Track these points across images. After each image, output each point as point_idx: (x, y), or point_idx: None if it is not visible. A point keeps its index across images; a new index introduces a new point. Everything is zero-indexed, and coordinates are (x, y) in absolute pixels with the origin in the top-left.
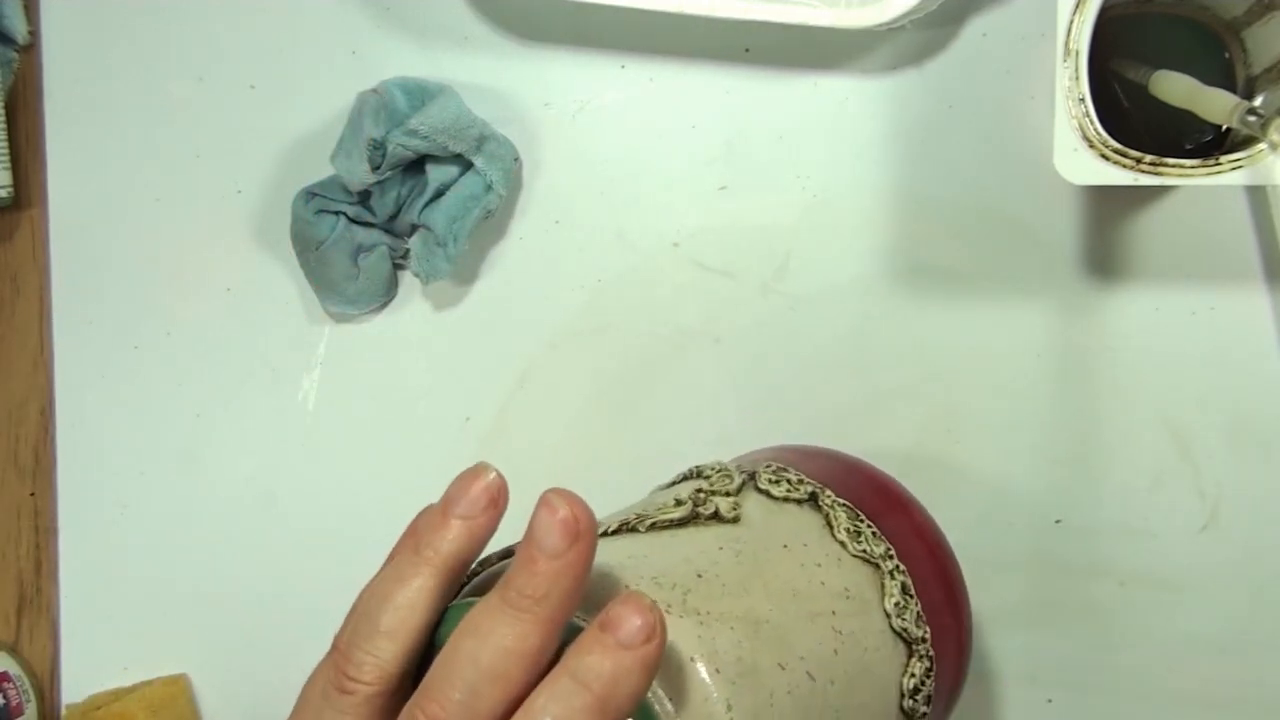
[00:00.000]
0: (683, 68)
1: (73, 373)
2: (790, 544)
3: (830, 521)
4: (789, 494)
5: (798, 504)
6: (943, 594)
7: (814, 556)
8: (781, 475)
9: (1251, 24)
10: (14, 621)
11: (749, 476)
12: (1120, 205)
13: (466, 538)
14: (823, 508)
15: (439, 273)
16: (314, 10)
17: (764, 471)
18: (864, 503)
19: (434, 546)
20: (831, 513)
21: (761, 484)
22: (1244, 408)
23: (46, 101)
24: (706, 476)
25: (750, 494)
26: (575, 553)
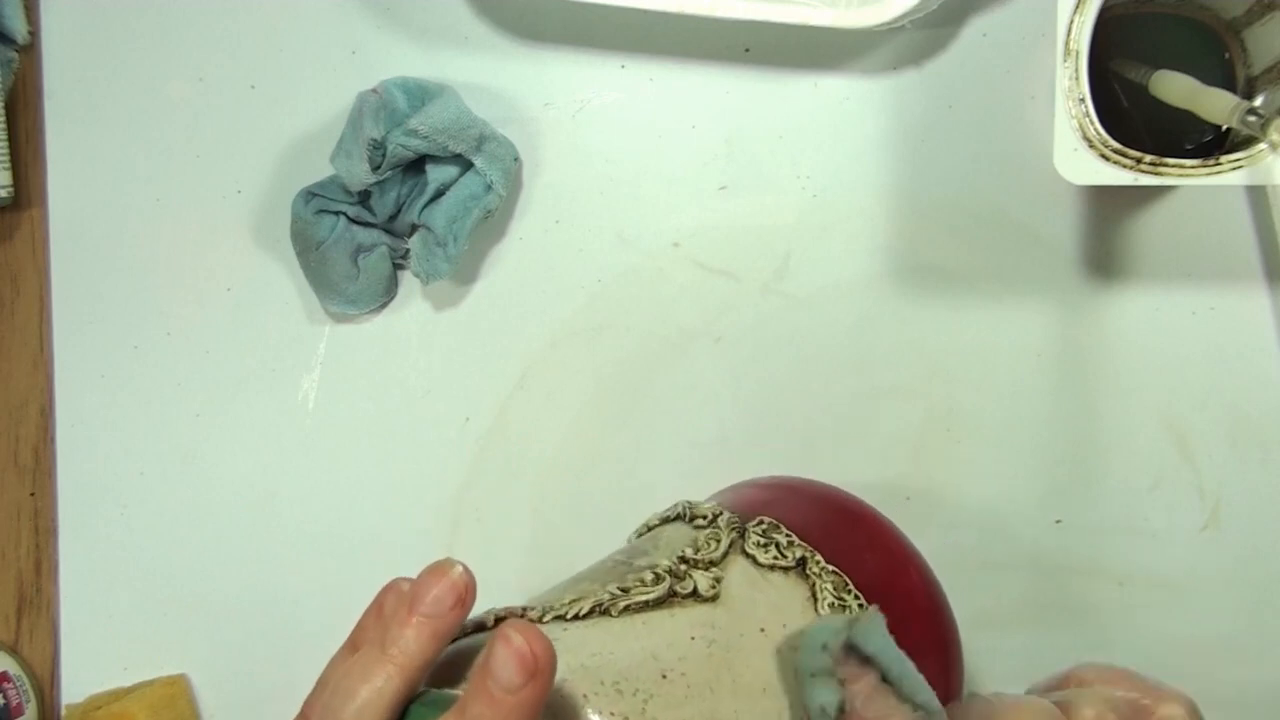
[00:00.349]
0: (683, 68)
1: (73, 373)
2: (768, 627)
3: (815, 593)
4: (776, 561)
5: (784, 572)
6: (935, 659)
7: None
8: (771, 537)
9: (1251, 24)
10: (14, 621)
11: (739, 534)
12: (1120, 205)
13: (430, 637)
14: (810, 576)
15: (439, 273)
16: (314, 10)
17: (754, 531)
18: (858, 564)
19: (399, 646)
20: (818, 582)
21: (749, 547)
22: (1244, 408)
23: (46, 101)
24: (698, 525)
25: (735, 560)
26: (530, 690)
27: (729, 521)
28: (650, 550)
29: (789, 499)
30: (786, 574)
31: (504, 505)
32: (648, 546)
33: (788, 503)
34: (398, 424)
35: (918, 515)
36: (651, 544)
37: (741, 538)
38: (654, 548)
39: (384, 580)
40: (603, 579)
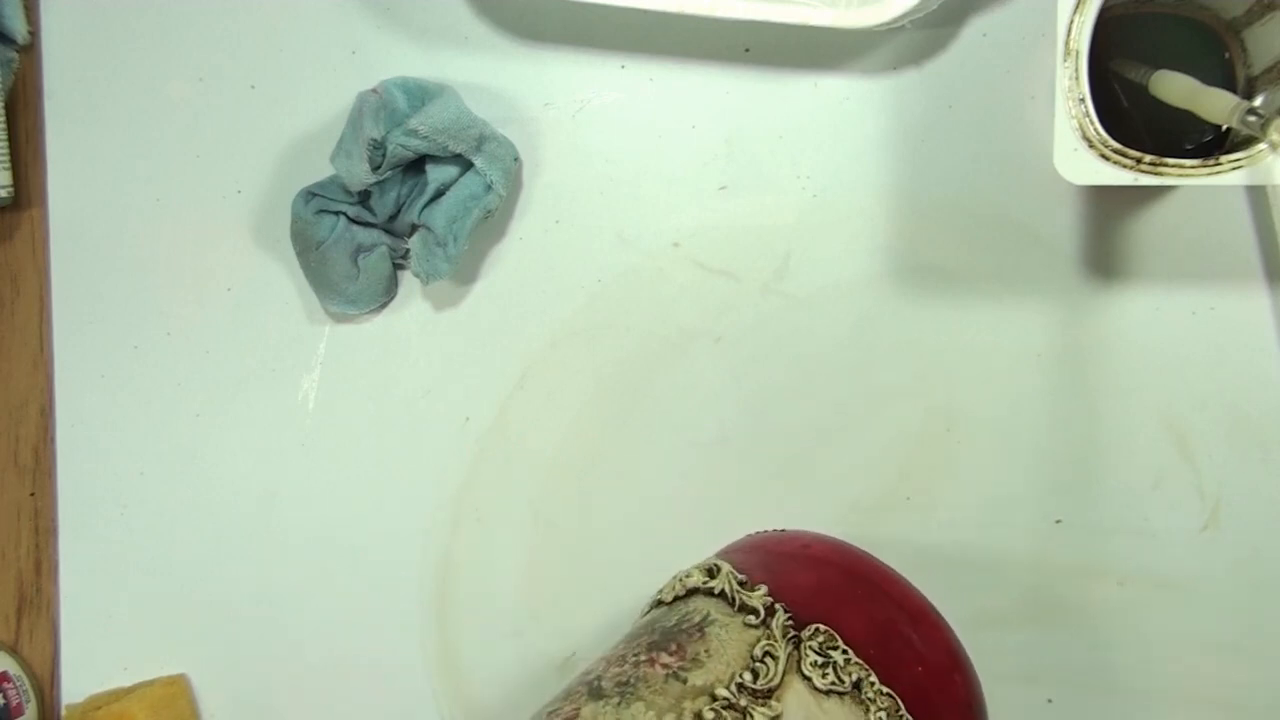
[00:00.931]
0: (683, 68)
1: (73, 373)
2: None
3: (870, 717)
4: (833, 687)
5: (840, 697)
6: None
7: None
8: (828, 655)
9: (1251, 24)
10: (14, 621)
11: (794, 646)
12: (1120, 205)
13: None
14: (864, 700)
15: (439, 273)
16: (314, 10)
17: (809, 647)
18: (910, 677)
19: None
20: (872, 706)
21: (806, 668)
22: (1244, 408)
23: (46, 101)
24: (748, 622)
25: (792, 685)
26: None
27: (783, 628)
28: (694, 643)
29: (841, 587)
30: (842, 699)
31: (504, 505)
32: (692, 639)
33: (841, 595)
34: (398, 424)
35: (918, 515)
36: (698, 634)
37: (797, 649)
38: (700, 644)
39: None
40: (652, 692)
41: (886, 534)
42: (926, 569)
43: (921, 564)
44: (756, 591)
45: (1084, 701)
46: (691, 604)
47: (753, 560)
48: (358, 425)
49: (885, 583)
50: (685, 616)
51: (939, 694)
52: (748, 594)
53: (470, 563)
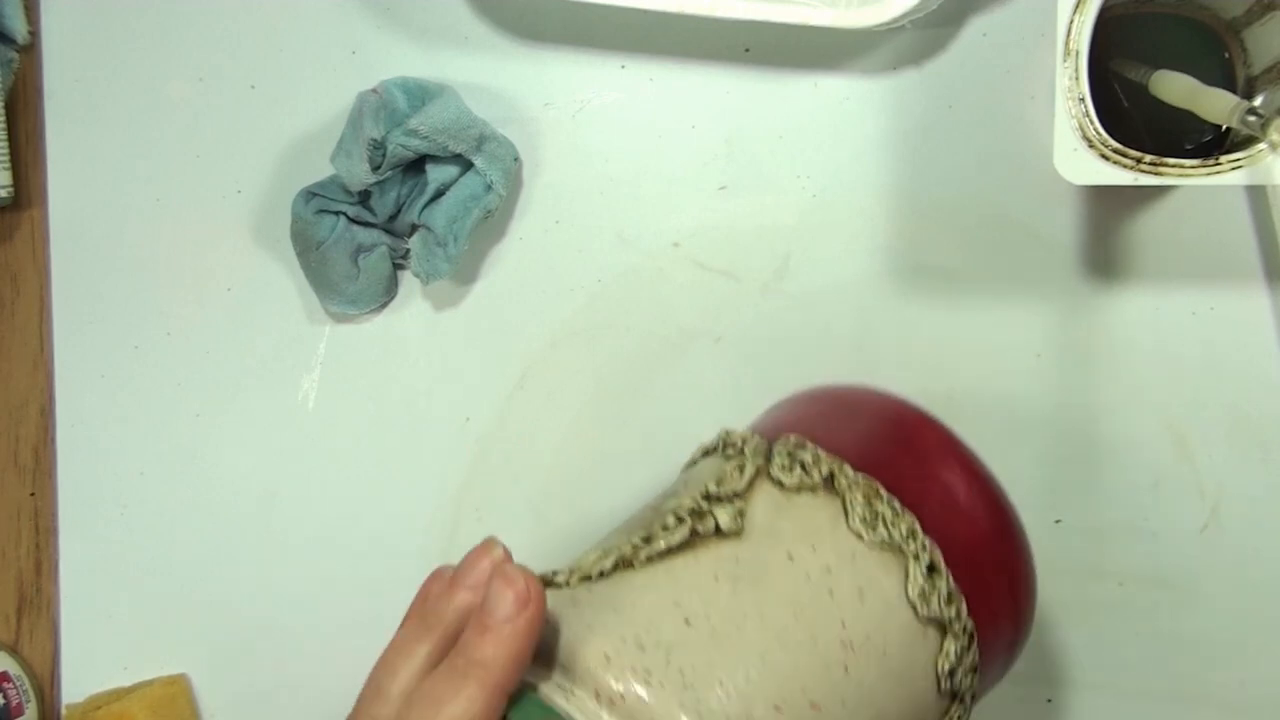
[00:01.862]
0: (683, 68)
1: (73, 373)
2: (796, 553)
3: (846, 508)
4: (802, 483)
5: (811, 491)
6: (986, 550)
7: (823, 560)
8: (797, 458)
9: (1251, 24)
10: (14, 621)
11: (764, 459)
12: (1120, 205)
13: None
14: (839, 490)
15: (439, 273)
16: (314, 10)
17: (780, 454)
18: (889, 464)
19: (437, 614)
20: (849, 495)
21: (775, 471)
22: (1244, 408)
23: (46, 101)
24: (728, 454)
25: (760, 488)
26: (524, 619)
27: (755, 447)
28: (680, 491)
29: (823, 410)
30: (814, 493)
31: (504, 505)
32: (679, 487)
33: (821, 415)
34: (398, 424)
35: None
36: (683, 484)
37: (768, 462)
38: (684, 487)
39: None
40: (630, 530)
41: None
42: None
43: None
44: (740, 431)
45: (1084, 701)
46: (685, 472)
47: (754, 422)
48: (358, 425)
49: (874, 399)
50: (677, 480)
51: (926, 473)
52: (731, 435)
53: None
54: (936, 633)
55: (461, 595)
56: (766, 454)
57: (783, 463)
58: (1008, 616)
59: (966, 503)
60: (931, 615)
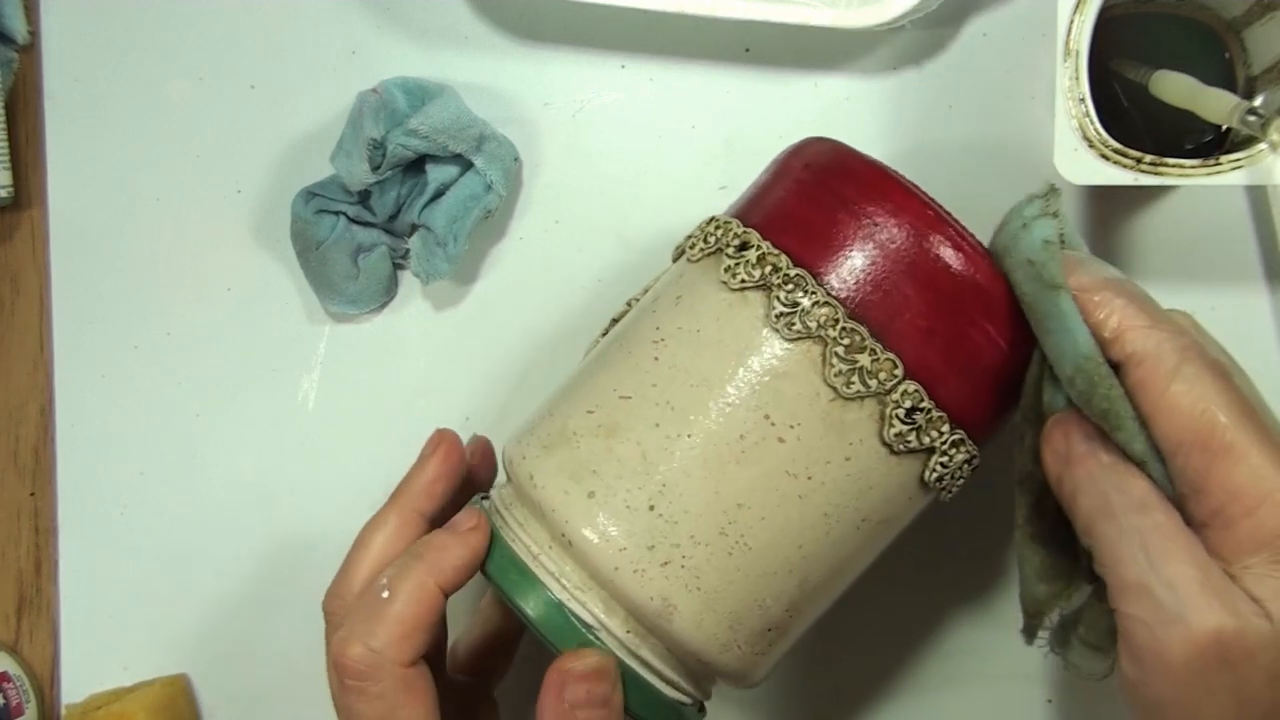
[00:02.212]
0: (683, 68)
1: (73, 373)
2: (704, 328)
3: (826, 358)
4: (744, 283)
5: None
6: (969, 345)
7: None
8: (740, 257)
9: (1251, 24)
10: (14, 621)
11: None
12: (1120, 205)
13: (427, 478)
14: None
15: (439, 273)
16: (314, 10)
17: (729, 249)
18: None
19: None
20: (829, 343)
21: (722, 274)
22: None
23: (46, 101)
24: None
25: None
26: (436, 457)
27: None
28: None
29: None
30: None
31: None
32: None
33: (774, 203)
34: (398, 424)
35: None
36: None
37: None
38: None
39: None
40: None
41: None
42: (926, 568)
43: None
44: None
45: (1084, 701)
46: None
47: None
48: (358, 425)
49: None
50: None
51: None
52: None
53: None
54: (918, 459)
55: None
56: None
57: (730, 262)
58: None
59: (914, 224)
60: (909, 445)
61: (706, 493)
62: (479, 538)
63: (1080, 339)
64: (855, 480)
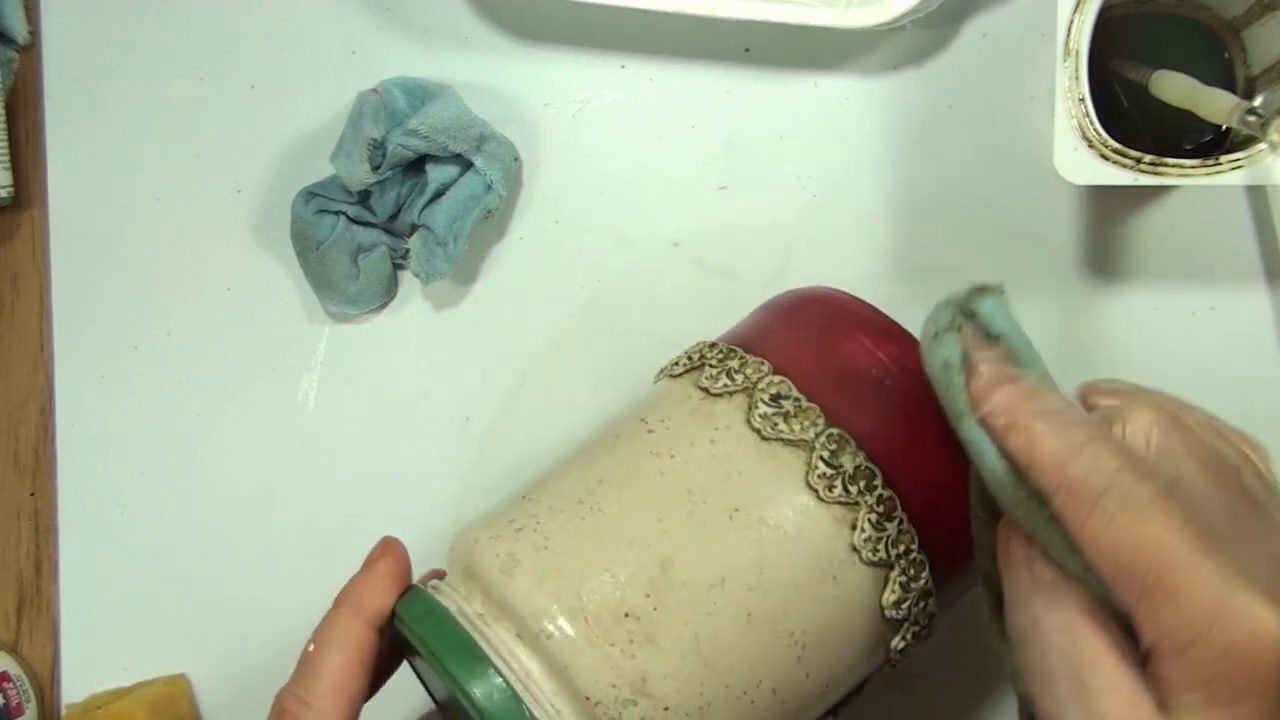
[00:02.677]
0: (683, 68)
1: (73, 373)
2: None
3: (810, 465)
4: (725, 388)
5: (728, 397)
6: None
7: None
8: (724, 366)
9: (1251, 24)
10: (14, 621)
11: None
12: (1120, 205)
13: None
14: (811, 449)
15: (439, 273)
16: (314, 10)
17: (710, 363)
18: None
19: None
20: (816, 450)
21: (703, 380)
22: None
23: (46, 101)
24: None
25: (687, 394)
26: (379, 566)
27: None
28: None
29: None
30: (730, 398)
31: None
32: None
33: (774, 324)
34: (398, 424)
35: None
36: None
37: (699, 370)
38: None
39: None
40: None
41: None
42: None
43: None
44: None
45: None
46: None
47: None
48: (358, 425)
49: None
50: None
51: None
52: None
53: None
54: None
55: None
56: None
57: (710, 372)
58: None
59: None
60: (878, 559)
61: (573, 476)
62: (392, 563)
63: (992, 463)
64: (720, 462)
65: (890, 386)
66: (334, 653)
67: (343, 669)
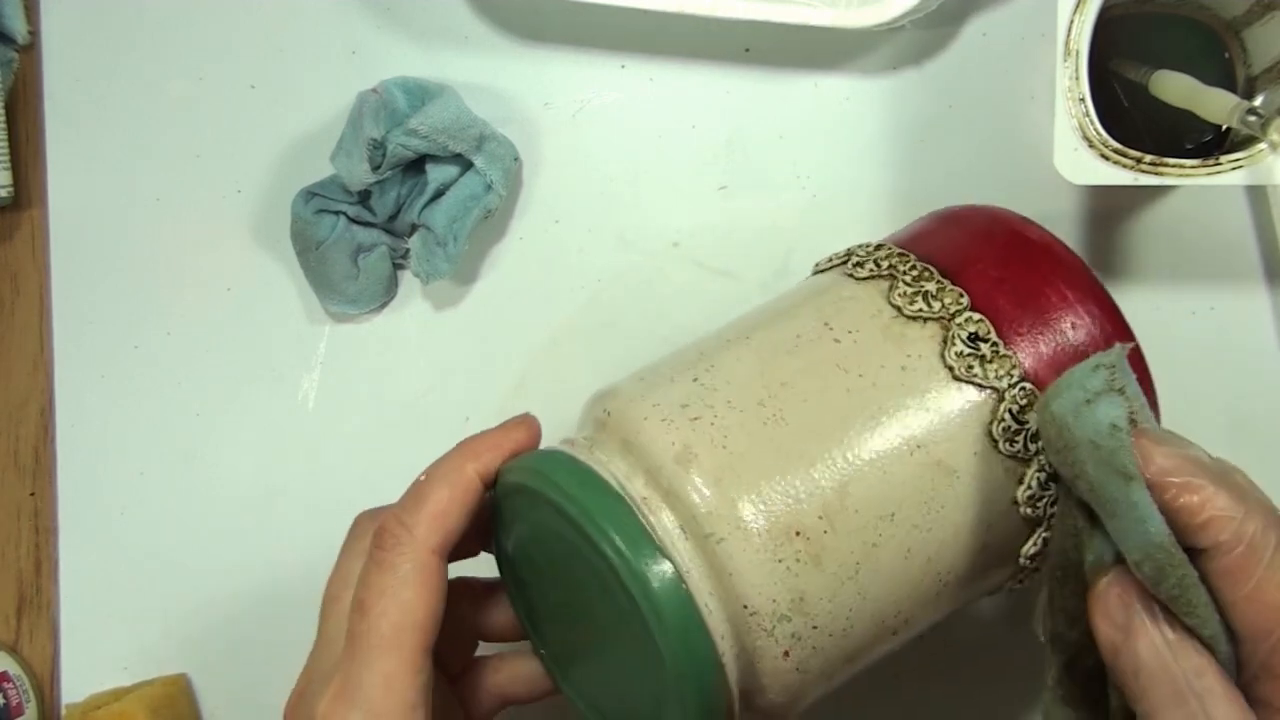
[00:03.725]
0: (683, 68)
1: (73, 373)
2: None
3: (997, 415)
4: (871, 273)
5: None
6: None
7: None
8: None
9: (1251, 24)
10: (14, 621)
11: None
12: (1120, 205)
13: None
14: (1001, 399)
15: (439, 273)
16: (314, 10)
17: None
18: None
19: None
20: (1006, 401)
21: (849, 267)
22: (1243, 408)
23: (46, 101)
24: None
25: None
26: (522, 429)
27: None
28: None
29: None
30: (925, 324)
31: None
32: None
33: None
34: (398, 424)
35: None
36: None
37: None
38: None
39: None
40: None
41: None
42: None
43: None
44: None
45: None
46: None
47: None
48: (358, 425)
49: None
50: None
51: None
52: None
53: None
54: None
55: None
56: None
57: (857, 259)
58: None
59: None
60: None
61: (752, 371)
62: (524, 432)
63: (1153, 528)
64: (910, 392)
65: (1085, 349)
66: (442, 488)
67: (446, 502)
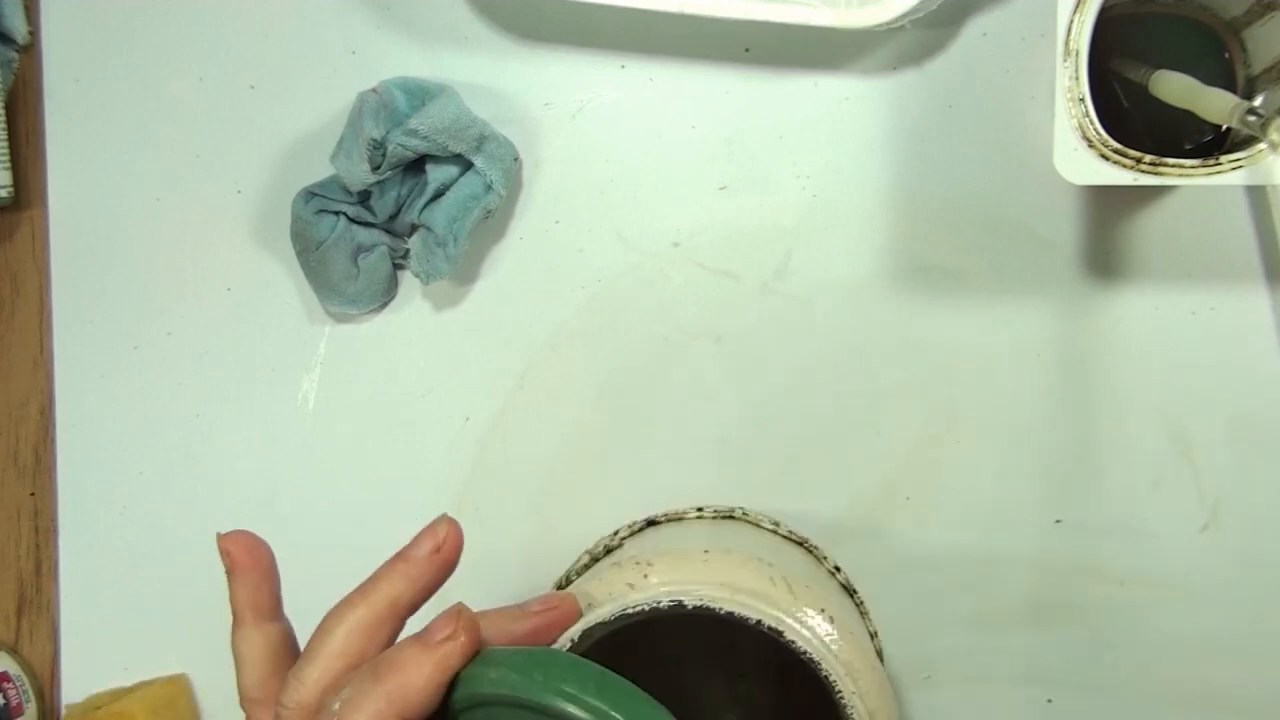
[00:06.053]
0: (683, 68)
1: (73, 373)
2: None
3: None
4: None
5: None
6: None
7: None
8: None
9: (1251, 24)
10: (14, 621)
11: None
12: (1120, 205)
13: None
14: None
15: (439, 273)
16: (314, 10)
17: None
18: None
19: (374, 582)
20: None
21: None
22: (1244, 408)
23: (46, 101)
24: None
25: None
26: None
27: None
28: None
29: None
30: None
31: (504, 505)
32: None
33: None
34: (398, 424)
35: (917, 514)
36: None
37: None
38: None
39: None
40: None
41: (886, 533)
42: (926, 569)
43: (921, 563)
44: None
45: (1084, 701)
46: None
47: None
48: (358, 425)
49: None
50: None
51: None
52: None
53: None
54: None
55: (399, 567)
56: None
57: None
58: None
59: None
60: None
61: None
62: (454, 650)
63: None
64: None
65: None
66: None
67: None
